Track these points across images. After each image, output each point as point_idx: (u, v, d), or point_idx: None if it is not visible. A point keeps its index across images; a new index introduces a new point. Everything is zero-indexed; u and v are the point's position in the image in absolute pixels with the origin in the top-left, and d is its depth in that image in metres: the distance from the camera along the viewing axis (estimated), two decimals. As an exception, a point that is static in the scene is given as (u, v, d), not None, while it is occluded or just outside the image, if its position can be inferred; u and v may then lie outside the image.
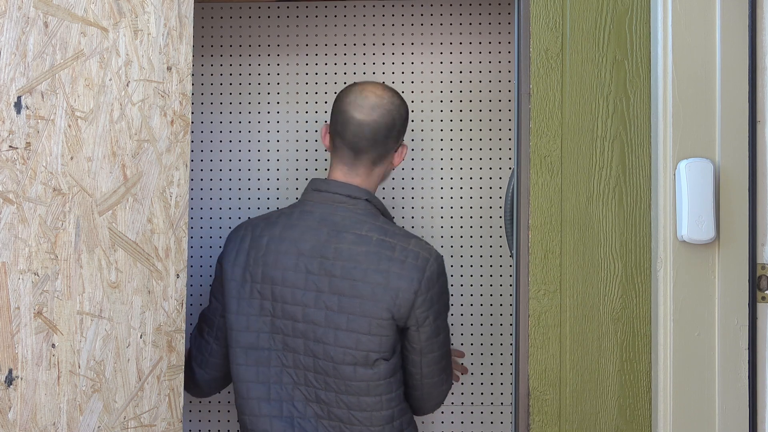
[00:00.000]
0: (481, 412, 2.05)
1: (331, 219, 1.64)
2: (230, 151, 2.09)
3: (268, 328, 1.64)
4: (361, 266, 1.59)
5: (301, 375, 1.63)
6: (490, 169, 2.06)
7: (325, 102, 2.08)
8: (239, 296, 1.66)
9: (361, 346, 1.58)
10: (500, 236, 2.05)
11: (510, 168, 2.05)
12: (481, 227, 2.06)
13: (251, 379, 1.65)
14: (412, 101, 2.07)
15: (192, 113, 1.93)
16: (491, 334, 2.05)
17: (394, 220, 1.71)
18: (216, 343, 1.73)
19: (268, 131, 2.09)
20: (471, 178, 2.06)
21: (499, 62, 2.06)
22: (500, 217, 2.05)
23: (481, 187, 2.06)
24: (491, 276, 2.05)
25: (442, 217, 2.06)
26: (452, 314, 2.05)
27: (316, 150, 2.08)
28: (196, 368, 1.77)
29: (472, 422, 2.05)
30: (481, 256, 2.05)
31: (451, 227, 2.06)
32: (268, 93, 2.09)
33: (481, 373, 2.06)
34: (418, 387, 1.68)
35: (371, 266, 1.59)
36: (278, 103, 2.09)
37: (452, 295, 2.06)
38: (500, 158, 2.06)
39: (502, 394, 2.05)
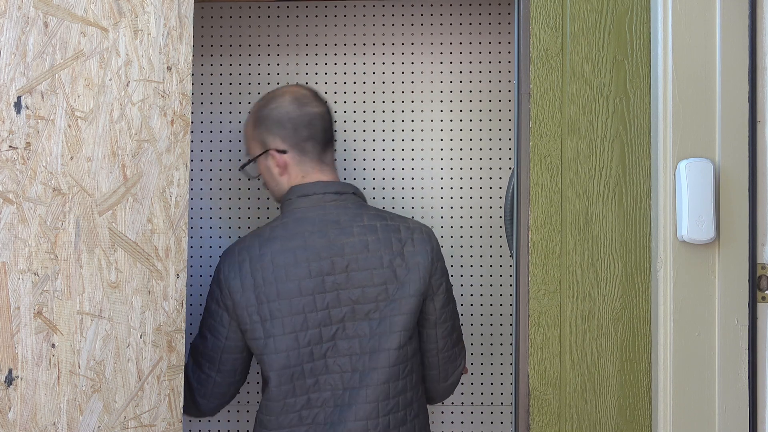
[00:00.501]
0: (481, 412, 2.05)
1: (327, 219, 1.65)
2: (230, 151, 2.09)
3: (295, 344, 1.63)
4: (375, 254, 1.62)
5: (338, 379, 1.63)
6: (490, 169, 2.06)
7: (325, 102, 2.08)
8: (262, 320, 1.63)
9: (395, 327, 1.61)
10: (500, 236, 2.05)
11: (510, 168, 2.05)
12: (481, 227, 2.06)
13: (288, 396, 1.64)
14: (412, 101, 2.07)
15: (192, 113, 1.93)
16: (491, 334, 2.05)
17: None
18: (220, 375, 1.70)
19: (268, 131, 2.09)
20: (471, 178, 2.06)
21: (499, 62, 2.06)
22: (500, 217, 2.05)
23: (481, 187, 2.06)
24: (491, 276, 2.05)
25: (442, 217, 2.06)
26: (452, 314, 2.05)
27: (316, 150, 2.08)
28: (200, 399, 1.74)
29: (472, 422, 2.05)
30: (481, 256, 2.05)
31: (451, 227, 2.06)
32: (268, 93, 2.09)
33: (481, 373, 2.06)
34: (434, 365, 1.71)
35: (386, 252, 1.63)
36: (278, 103, 2.08)
37: (452, 295, 2.06)
38: (500, 158, 2.06)
39: (502, 394, 2.05)
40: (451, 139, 2.06)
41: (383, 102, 2.08)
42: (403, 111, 2.07)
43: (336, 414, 1.62)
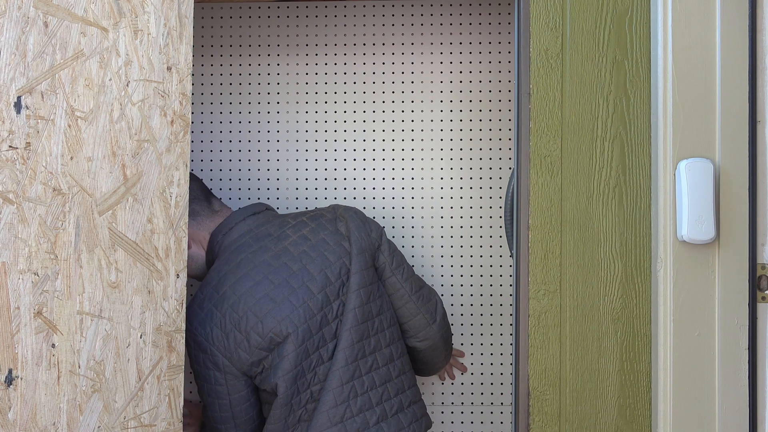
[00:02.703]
0: (481, 412, 2.05)
1: (260, 236, 1.73)
2: (230, 151, 2.09)
3: (292, 347, 1.65)
4: (318, 239, 1.72)
5: (328, 362, 1.69)
6: (490, 169, 2.06)
7: (325, 102, 2.08)
8: (260, 348, 1.64)
9: (352, 287, 1.69)
10: (500, 236, 2.05)
11: (510, 168, 2.05)
12: (481, 227, 2.06)
13: (294, 395, 1.65)
14: (412, 101, 2.07)
15: (192, 113, 1.93)
16: (491, 334, 2.05)
17: None
18: (240, 429, 1.70)
19: (268, 131, 2.09)
20: (471, 178, 2.06)
21: (499, 62, 2.06)
22: (500, 217, 2.05)
23: (481, 187, 2.06)
24: (491, 276, 2.05)
25: (442, 217, 2.06)
26: (452, 314, 2.05)
27: (316, 150, 2.08)
28: (225, 426, 1.72)
29: (472, 422, 2.05)
30: (481, 256, 2.05)
31: (451, 227, 2.06)
32: (268, 93, 2.09)
33: (481, 373, 2.06)
34: (414, 310, 1.79)
35: (326, 234, 1.73)
36: (278, 103, 2.09)
37: (452, 295, 2.06)
38: (500, 158, 2.06)
39: (502, 394, 2.05)
40: (451, 139, 2.06)
41: (383, 102, 2.08)
42: (402, 111, 2.07)
43: (322, 385, 1.67)
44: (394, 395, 1.69)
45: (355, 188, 2.08)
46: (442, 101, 2.07)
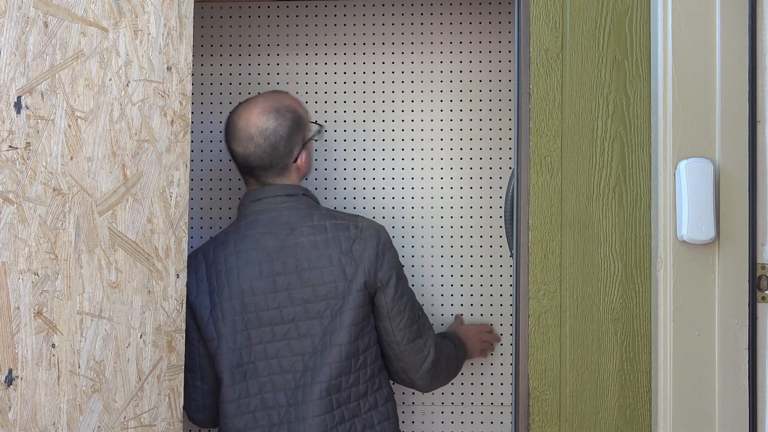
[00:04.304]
0: (481, 412, 2.05)
1: (280, 220, 1.70)
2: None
3: (247, 342, 1.66)
4: (324, 253, 1.66)
5: (290, 378, 1.65)
6: (490, 169, 2.06)
7: (325, 102, 2.08)
8: (214, 320, 1.67)
9: (344, 323, 1.64)
10: (500, 236, 2.05)
11: (510, 168, 2.05)
12: (481, 227, 2.05)
13: (242, 395, 1.66)
14: (412, 101, 2.07)
15: (192, 113, 1.93)
16: (491, 334, 2.05)
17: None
18: (204, 383, 1.72)
19: (268, 131, 2.09)
20: (471, 178, 2.06)
21: (499, 62, 2.06)
22: (500, 217, 2.05)
23: (481, 187, 2.06)
24: (491, 276, 2.05)
25: (442, 217, 2.06)
26: (452, 314, 2.05)
27: (316, 150, 2.08)
28: (195, 415, 1.76)
29: (472, 422, 2.05)
30: (481, 256, 2.05)
31: (451, 227, 2.06)
32: (268, 93, 2.09)
33: (481, 373, 2.06)
34: (399, 357, 1.72)
35: (335, 250, 1.66)
36: (278, 103, 2.08)
37: (452, 295, 2.06)
38: (500, 158, 2.06)
39: (502, 394, 2.05)
40: (451, 139, 2.06)
41: (383, 102, 2.08)
42: (402, 111, 2.07)
43: (291, 412, 1.64)
44: (360, 430, 1.67)
45: (354, 188, 2.08)
46: (442, 101, 2.07)
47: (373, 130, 2.07)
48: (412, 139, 2.07)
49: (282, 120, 1.74)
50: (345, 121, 2.08)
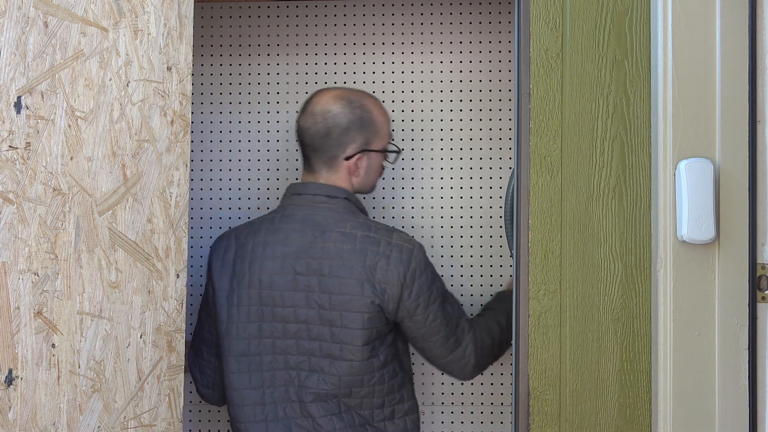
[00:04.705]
0: (481, 412, 2.05)
1: (313, 219, 1.67)
2: (230, 151, 2.09)
3: (257, 333, 1.66)
4: (348, 263, 1.62)
5: (294, 375, 1.64)
6: (490, 168, 2.06)
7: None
8: (228, 305, 1.68)
9: (357, 341, 1.61)
10: (500, 236, 2.05)
11: (510, 168, 2.05)
12: (481, 227, 2.05)
13: (245, 385, 1.66)
14: (412, 101, 2.07)
15: (192, 113, 1.93)
16: (491, 334, 2.05)
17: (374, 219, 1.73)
18: (218, 359, 1.73)
19: (268, 131, 2.09)
20: (471, 178, 2.06)
21: (499, 62, 2.06)
22: (500, 217, 2.05)
23: (481, 187, 2.06)
24: (491, 276, 2.05)
25: (442, 217, 2.06)
26: (452, 314, 2.05)
27: (316, 150, 2.08)
28: (205, 390, 1.79)
29: (472, 422, 2.05)
30: (481, 256, 2.05)
31: (451, 227, 2.06)
32: (268, 93, 2.09)
33: (481, 373, 2.06)
34: (442, 368, 1.73)
35: (358, 263, 1.62)
36: (278, 103, 2.09)
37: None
38: (500, 158, 2.06)
39: (502, 394, 2.05)
40: (451, 139, 2.06)
41: (383, 102, 2.08)
42: (403, 111, 2.07)
43: (295, 409, 1.64)
44: None
45: (355, 188, 2.07)
46: (442, 101, 2.07)
47: (373, 130, 2.07)
48: (412, 139, 2.07)
49: (347, 110, 1.71)
50: (345, 121, 2.08)
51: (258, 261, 1.66)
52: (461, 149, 2.06)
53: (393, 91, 2.07)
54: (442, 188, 2.06)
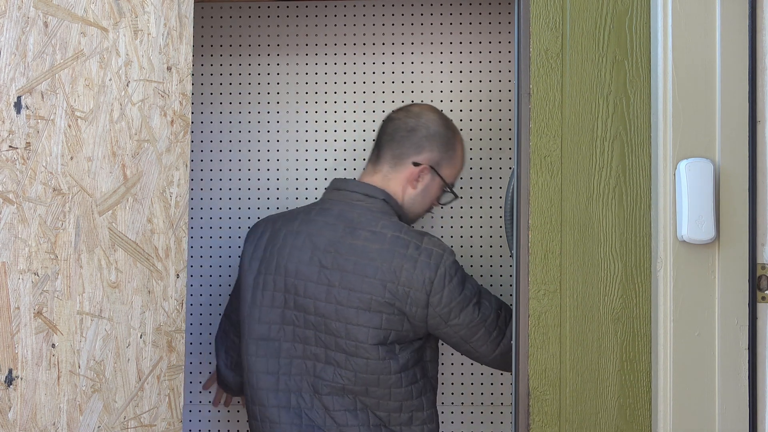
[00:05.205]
0: (481, 412, 2.05)
1: (347, 216, 1.66)
2: (230, 151, 2.09)
3: (279, 319, 1.67)
4: (374, 263, 1.61)
5: (311, 366, 1.65)
6: (490, 169, 2.06)
7: (325, 102, 2.08)
8: (254, 287, 1.70)
9: (371, 340, 1.60)
10: (500, 236, 2.05)
11: (510, 168, 2.05)
12: (481, 227, 2.05)
13: (261, 369, 1.68)
14: (412, 101, 2.07)
15: (192, 113, 1.93)
16: (491, 334, 2.05)
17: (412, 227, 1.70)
18: (241, 341, 1.77)
19: (268, 131, 2.09)
20: (471, 178, 2.06)
21: (499, 62, 2.06)
22: (500, 217, 2.05)
23: (481, 187, 2.06)
24: (491, 276, 2.05)
25: (442, 217, 2.06)
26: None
27: (316, 150, 2.08)
28: (227, 372, 1.83)
29: (472, 422, 2.05)
30: (481, 256, 2.05)
31: (451, 227, 2.06)
32: (268, 93, 2.09)
33: (481, 373, 2.06)
34: (491, 365, 1.70)
35: (384, 264, 1.60)
36: (278, 103, 2.09)
37: (452, 295, 2.06)
38: (500, 158, 2.06)
39: (502, 394, 2.05)
40: (451, 139, 2.06)
41: (383, 102, 2.08)
42: (403, 111, 2.07)
43: (305, 399, 1.64)
44: None
45: (355, 188, 2.07)
46: (442, 101, 2.07)
47: (373, 130, 2.07)
48: (412, 139, 2.06)
49: (441, 123, 1.72)
50: (345, 121, 2.08)
51: (288, 249, 1.67)
52: (461, 149, 2.06)
53: (393, 92, 2.07)
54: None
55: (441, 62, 2.07)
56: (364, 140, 2.07)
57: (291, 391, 1.65)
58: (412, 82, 2.07)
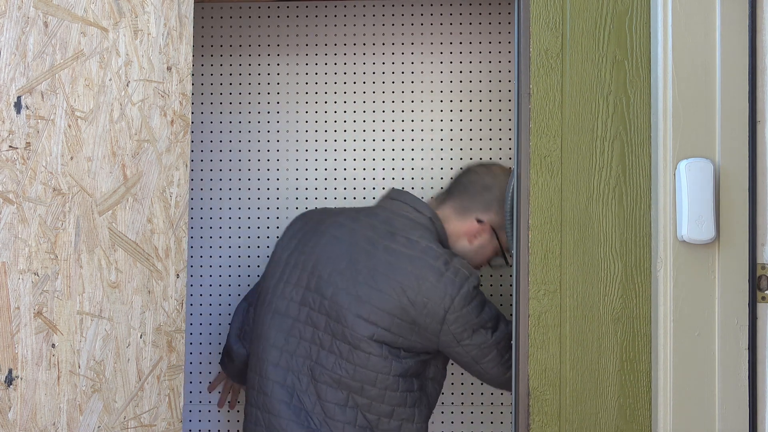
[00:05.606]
0: (481, 412, 2.05)
1: (391, 222, 1.71)
2: (230, 151, 2.09)
3: (299, 299, 1.70)
4: (402, 267, 1.64)
5: (315, 351, 1.67)
6: (490, 169, 2.06)
7: (325, 102, 2.08)
8: (285, 264, 1.75)
9: (377, 337, 1.63)
10: (500, 236, 2.05)
11: (510, 168, 2.06)
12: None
13: (270, 341, 1.71)
14: (412, 101, 2.07)
15: (192, 113, 1.93)
16: (491, 334, 2.05)
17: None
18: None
19: (268, 131, 2.09)
20: (471, 178, 2.05)
21: (499, 62, 2.06)
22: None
23: (481, 187, 2.05)
24: (491, 276, 2.05)
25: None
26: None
27: (316, 150, 2.08)
28: (235, 343, 1.87)
29: (472, 422, 2.05)
30: (481, 256, 2.05)
31: (451, 227, 2.05)
32: (268, 93, 2.09)
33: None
34: (506, 385, 1.71)
35: (411, 270, 1.63)
36: (278, 103, 2.09)
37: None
38: (500, 158, 2.06)
39: (502, 394, 2.05)
40: (451, 139, 2.06)
41: (383, 102, 2.08)
42: (402, 111, 2.07)
43: (308, 385, 1.66)
44: None
45: (355, 188, 2.08)
46: (442, 101, 2.07)
47: (373, 130, 2.07)
48: (412, 140, 2.07)
49: (508, 189, 1.69)
50: (345, 121, 2.08)
51: (326, 237, 1.72)
52: (461, 149, 2.06)
53: (393, 92, 2.07)
54: (442, 188, 2.06)
55: (441, 62, 2.07)
56: (364, 140, 2.07)
57: (290, 370, 1.68)
58: (412, 82, 2.07)
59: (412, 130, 2.07)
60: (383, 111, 2.07)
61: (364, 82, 2.07)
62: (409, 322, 1.62)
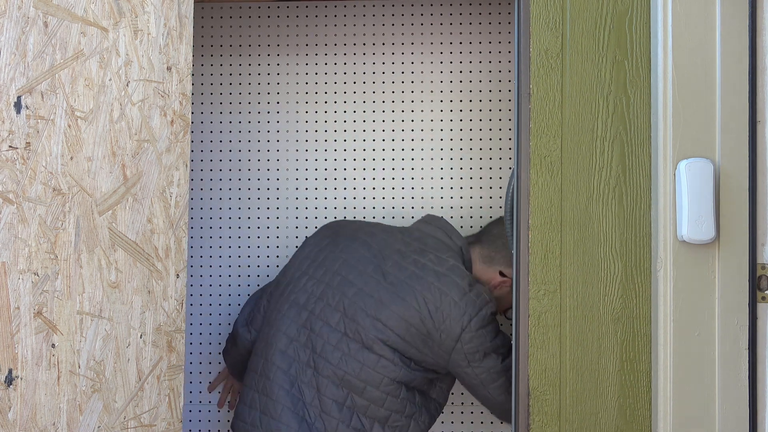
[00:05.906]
0: (481, 412, 2.05)
1: (424, 241, 1.75)
2: (230, 151, 2.09)
3: (318, 293, 1.73)
4: (426, 280, 1.67)
5: (321, 345, 1.69)
6: (490, 169, 2.06)
7: (325, 102, 2.08)
8: (313, 260, 1.78)
9: (387, 340, 1.65)
10: (500, 236, 2.05)
11: (510, 168, 2.05)
12: (481, 227, 2.05)
13: (281, 328, 1.73)
14: (412, 101, 2.07)
15: (192, 113, 1.93)
16: (491, 334, 2.05)
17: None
18: (266, 302, 1.85)
19: (268, 131, 2.09)
20: (471, 178, 2.06)
21: (499, 62, 2.06)
22: (500, 217, 2.05)
23: (481, 187, 2.06)
24: (491, 276, 2.05)
25: (442, 217, 2.06)
26: (452, 314, 2.05)
27: (316, 150, 2.08)
28: (242, 329, 1.88)
29: (472, 422, 2.05)
30: (481, 256, 2.05)
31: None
32: (268, 93, 2.09)
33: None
34: (504, 416, 1.75)
35: (435, 283, 1.66)
36: (278, 103, 2.09)
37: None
38: (500, 158, 2.06)
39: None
40: (451, 139, 2.06)
41: (383, 102, 2.08)
42: (402, 111, 2.07)
43: (313, 379, 1.68)
44: None
45: (354, 188, 2.08)
46: (442, 101, 2.07)
47: (373, 130, 2.07)
48: (412, 140, 2.07)
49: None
50: (345, 121, 2.08)
51: (357, 243, 1.76)
52: (461, 149, 2.06)
53: (393, 92, 2.07)
54: (442, 188, 2.06)
55: (441, 62, 2.07)
56: (364, 140, 2.07)
57: (295, 360, 1.70)
58: (412, 82, 2.07)
59: (412, 130, 2.07)
60: (383, 111, 2.07)
61: (364, 82, 2.07)
62: (424, 334, 1.65)
